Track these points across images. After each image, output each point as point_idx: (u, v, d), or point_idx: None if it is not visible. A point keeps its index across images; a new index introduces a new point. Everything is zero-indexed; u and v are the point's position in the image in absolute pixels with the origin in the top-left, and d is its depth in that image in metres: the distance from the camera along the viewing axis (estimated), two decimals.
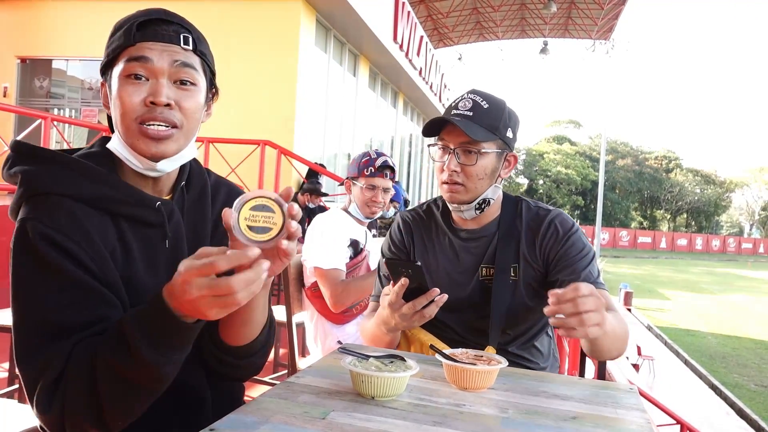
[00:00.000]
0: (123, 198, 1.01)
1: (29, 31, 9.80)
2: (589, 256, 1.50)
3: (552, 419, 1.01)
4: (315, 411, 0.96)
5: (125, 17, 1.03)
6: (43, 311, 0.92)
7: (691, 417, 6.18)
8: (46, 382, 0.89)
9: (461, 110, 1.45)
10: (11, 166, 1.02)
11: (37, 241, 0.92)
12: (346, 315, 2.41)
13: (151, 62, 0.98)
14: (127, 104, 0.98)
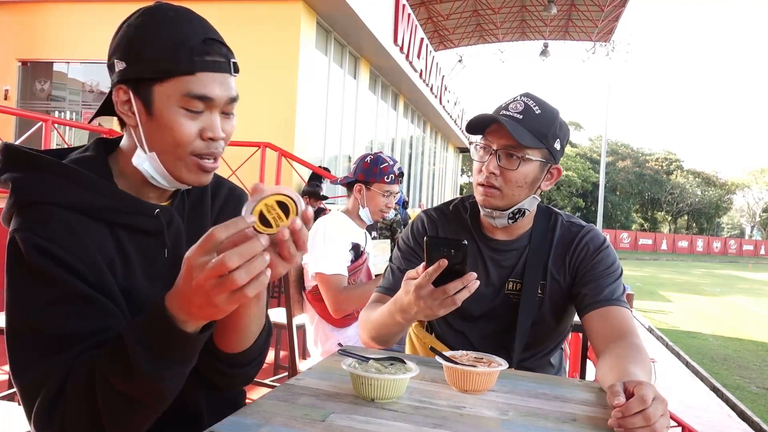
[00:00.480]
0: (119, 207, 0.97)
1: (30, 34, 9.82)
2: (615, 274, 1.44)
3: (552, 421, 1.01)
4: (315, 413, 0.96)
5: (168, 28, 0.95)
6: (39, 324, 0.88)
7: (692, 419, 6.17)
8: (44, 397, 0.85)
9: (511, 111, 1.38)
10: (1, 171, 0.97)
11: (30, 253, 0.88)
12: (347, 318, 2.41)
13: (212, 102, 0.96)
14: (183, 136, 0.95)
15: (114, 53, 0.97)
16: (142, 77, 0.94)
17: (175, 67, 0.93)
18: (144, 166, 0.98)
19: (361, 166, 2.50)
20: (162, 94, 0.94)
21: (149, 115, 0.95)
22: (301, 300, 2.47)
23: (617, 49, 25.80)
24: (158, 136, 0.96)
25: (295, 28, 8.78)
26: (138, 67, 0.94)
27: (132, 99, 0.96)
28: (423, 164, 19.60)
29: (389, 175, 2.47)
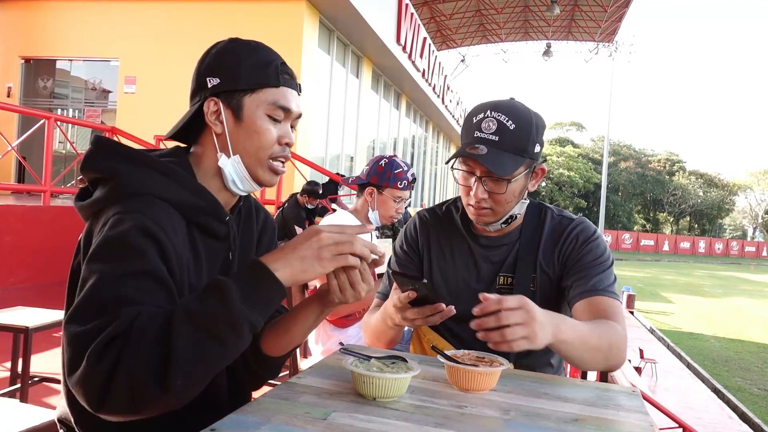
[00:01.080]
0: (203, 206, 1.08)
1: (33, 32, 9.84)
2: (605, 264, 1.43)
3: (554, 421, 1.01)
4: (316, 411, 0.96)
5: (256, 51, 1.12)
6: (114, 285, 0.91)
7: (694, 420, 6.16)
8: (102, 339, 0.84)
9: (485, 133, 1.33)
10: (97, 160, 1.06)
11: (133, 230, 0.95)
12: (349, 319, 2.41)
13: (290, 113, 1.13)
14: (267, 140, 1.11)
15: (205, 73, 1.12)
16: (236, 89, 1.10)
17: (265, 81, 1.10)
18: (228, 168, 1.12)
19: (375, 169, 2.46)
20: (252, 103, 1.10)
21: (238, 121, 1.10)
22: (302, 299, 2.47)
23: (620, 50, 25.73)
24: (245, 140, 1.11)
25: (297, 28, 8.78)
26: (232, 82, 1.10)
27: (222, 109, 1.10)
28: (425, 164, 19.60)
29: (403, 181, 2.44)
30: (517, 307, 1.06)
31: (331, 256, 0.95)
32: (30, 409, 1.63)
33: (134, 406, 0.83)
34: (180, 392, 0.85)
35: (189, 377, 0.85)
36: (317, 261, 0.95)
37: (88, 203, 1.05)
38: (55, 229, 5.81)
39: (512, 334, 1.05)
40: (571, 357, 1.25)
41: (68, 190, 8.18)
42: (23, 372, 2.55)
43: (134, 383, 0.82)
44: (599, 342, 1.25)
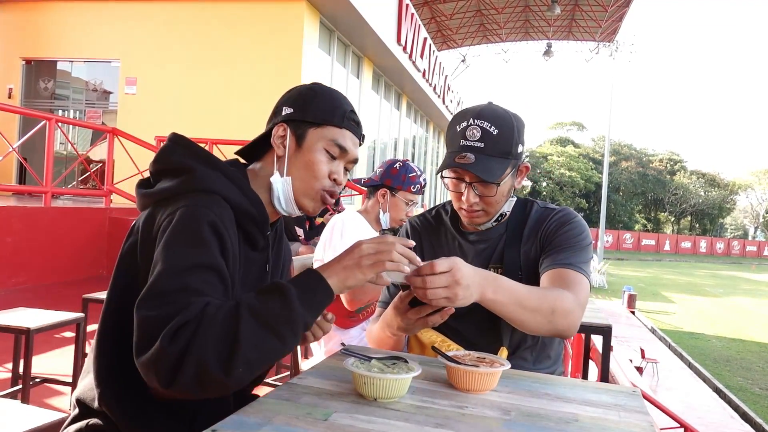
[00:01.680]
0: (254, 216, 1.17)
1: (34, 33, 9.85)
2: (579, 244, 1.47)
3: (554, 422, 1.01)
4: (317, 412, 0.96)
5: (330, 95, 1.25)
6: (187, 275, 0.99)
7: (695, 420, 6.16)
8: (175, 323, 0.91)
9: (470, 141, 1.40)
10: (172, 155, 1.16)
11: (202, 224, 1.05)
12: (352, 320, 2.41)
13: (347, 154, 1.24)
14: (320, 173, 1.22)
15: (284, 103, 1.25)
16: (304, 120, 1.22)
17: (331, 119, 1.22)
18: (277, 185, 1.23)
19: (390, 172, 2.50)
20: (314, 136, 1.22)
21: (298, 148, 1.22)
22: None
23: (621, 50, 25.73)
24: (300, 167, 1.22)
25: (298, 28, 8.79)
26: (303, 114, 1.22)
27: (288, 135, 1.22)
28: (425, 164, 19.60)
29: (416, 185, 2.50)
30: (444, 271, 1.14)
31: (370, 264, 1.06)
32: (31, 410, 1.63)
33: (199, 385, 0.91)
34: (239, 378, 0.92)
35: (249, 366, 0.93)
36: (358, 269, 1.06)
37: (156, 191, 1.13)
38: (56, 230, 5.82)
39: (433, 294, 1.14)
40: (507, 316, 1.29)
41: (69, 191, 8.19)
42: (24, 373, 2.55)
43: (203, 366, 0.89)
44: (538, 304, 1.28)
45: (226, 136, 7.96)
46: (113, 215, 6.63)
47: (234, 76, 8.87)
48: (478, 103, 1.48)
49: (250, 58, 8.81)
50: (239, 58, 8.86)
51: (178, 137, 1.20)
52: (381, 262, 1.06)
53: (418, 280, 1.14)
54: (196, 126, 8.56)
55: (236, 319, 0.93)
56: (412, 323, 1.29)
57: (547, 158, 50.68)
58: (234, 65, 8.88)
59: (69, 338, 3.81)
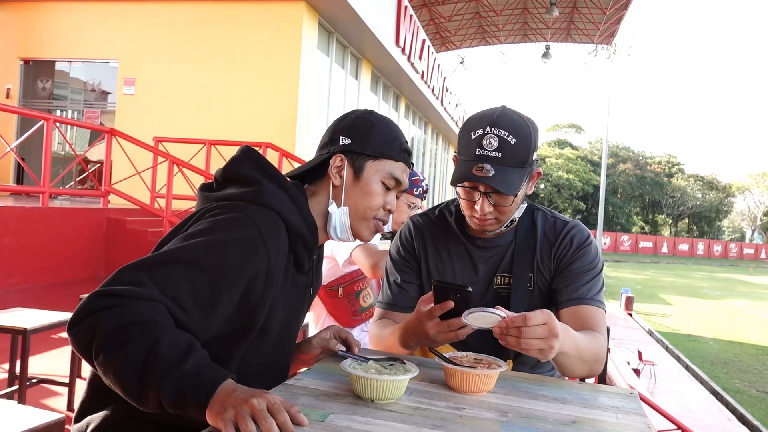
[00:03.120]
0: (307, 240, 1.20)
1: (32, 33, 9.84)
2: (594, 272, 1.48)
3: (552, 423, 1.01)
4: (314, 413, 0.96)
5: (386, 126, 1.29)
6: (183, 271, 1.00)
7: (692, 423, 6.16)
8: (115, 289, 0.95)
9: (487, 150, 1.34)
10: (242, 167, 1.20)
11: (240, 235, 1.07)
12: (356, 319, 2.42)
13: (399, 185, 1.29)
14: (375, 202, 1.26)
15: (341, 132, 1.27)
16: (363, 152, 1.25)
17: (388, 153, 1.27)
18: (335, 215, 1.26)
19: None
20: (372, 168, 1.26)
21: (356, 180, 1.25)
22: None
23: (619, 52, 25.80)
24: (357, 197, 1.26)
25: (297, 29, 8.78)
26: (361, 145, 1.25)
27: (346, 166, 1.25)
28: (424, 166, 19.60)
29: (418, 188, 2.56)
30: (541, 323, 1.13)
31: (233, 416, 0.85)
32: (28, 411, 1.63)
33: (86, 347, 0.93)
34: (99, 368, 0.93)
35: (106, 371, 0.92)
36: (224, 411, 0.86)
37: (220, 195, 1.19)
38: (53, 230, 5.81)
39: (528, 344, 1.13)
40: (563, 366, 1.31)
41: (67, 191, 8.18)
42: (21, 373, 2.54)
43: (94, 333, 0.92)
44: (590, 355, 1.33)
45: (225, 137, 7.95)
46: (111, 216, 6.62)
47: (232, 77, 8.86)
48: (474, 115, 1.42)
49: (248, 59, 8.81)
50: (238, 59, 8.85)
51: (250, 150, 1.24)
52: (243, 415, 0.84)
53: (512, 332, 1.13)
54: (194, 127, 8.55)
55: (143, 333, 0.91)
56: (441, 335, 1.26)
57: (545, 160, 50.70)
58: (232, 66, 8.87)
59: (66, 339, 3.79)
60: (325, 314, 2.44)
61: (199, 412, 0.88)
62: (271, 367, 1.24)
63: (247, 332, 1.13)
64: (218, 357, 0.99)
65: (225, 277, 1.04)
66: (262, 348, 1.18)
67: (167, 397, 0.88)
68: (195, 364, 0.91)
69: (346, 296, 2.40)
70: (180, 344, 0.92)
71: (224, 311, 1.06)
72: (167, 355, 0.90)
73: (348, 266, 2.40)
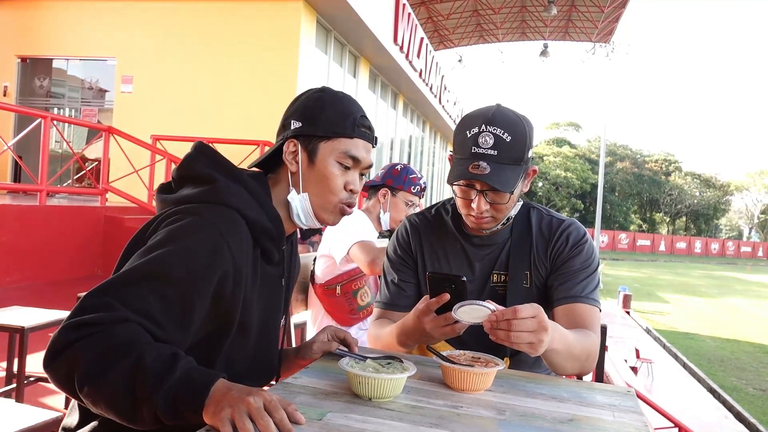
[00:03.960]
0: (272, 233, 1.17)
1: (30, 31, 9.80)
2: (589, 270, 1.48)
3: (549, 421, 1.01)
4: (312, 412, 0.96)
5: (338, 103, 1.23)
6: (150, 286, 0.98)
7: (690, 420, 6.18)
8: (85, 318, 0.92)
9: (483, 148, 1.34)
10: (197, 164, 1.16)
11: (203, 241, 1.04)
12: (354, 318, 2.43)
13: (359, 163, 1.23)
14: (336, 187, 1.22)
15: (291, 115, 1.24)
16: (314, 134, 1.21)
17: (341, 131, 1.21)
18: (295, 203, 1.22)
19: (391, 173, 2.59)
20: (325, 150, 1.21)
21: (311, 164, 1.21)
22: (300, 298, 2.47)
23: (617, 50, 25.81)
24: (315, 182, 1.21)
25: (295, 27, 8.77)
26: (311, 127, 1.21)
27: (299, 150, 1.21)
28: (422, 164, 19.60)
29: (416, 186, 2.58)
30: (531, 316, 1.13)
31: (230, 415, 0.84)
32: (25, 409, 1.63)
33: (67, 383, 0.91)
34: (86, 400, 0.90)
35: (95, 400, 0.90)
36: (221, 410, 0.85)
37: (176, 197, 1.14)
38: (51, 228, 5.80)
39: (518, 337, 1.12)
40: (554, 363, 1.31)
41: (64, 189, 8.17)
42: (19, 372, 2.54)
43: (74, 366, 0.89)
44: (581, 352, 1.33)
45: (223, 135, 7.93)
46: (108, 214, 6.61)
47: (230, 75, 8.84)
48: (468, 113, 1.42)
49: (246, 57, 8.79)
50: (236, 57, 8.83)
51: (203, 146, 1.20)
52: (240, 413, 0.84)
53: (502, 325, 1.13)
54: (192, 125, 8.53)
55: (121, 357, 0.89)
56: (437, 330, 1.25)
57: (543, 159, 50.72)
58: (231, 64, 8.86)
59: None
60: (323, 313, 2.44)
61: (196, 416, 0.87)
62: (257, 364, 1.24)
63: (225, 333, 1.12)
64: (202, 361, 0.97)
65: (194, 286, 1.02)
66: (245, 346, 1.17)
67: (162, 409, 0.87)
68: (183, 371, 0.90)
69: (344, 295, 2.40)
70: (164, 355, 0.91)
71: (199, 318, 1.04)
72: (153, 368, 0.88)
73: (345, 264, 2.40)
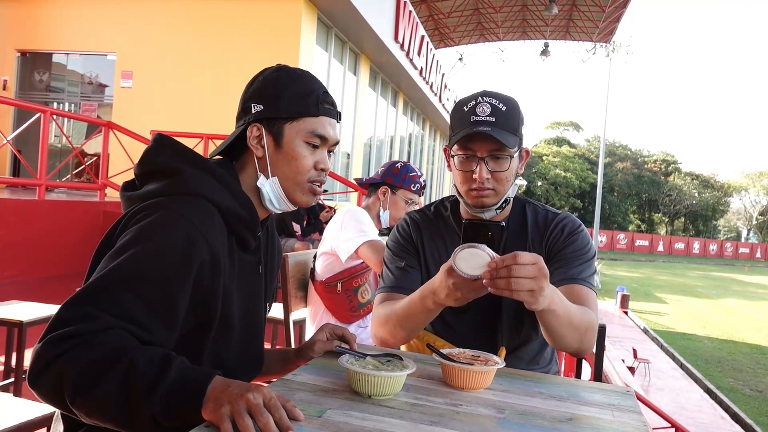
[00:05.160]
0: (245, 219, 1.14)
1: (29, 25, 9.78)
2: (586, 256, 1.50)
3: (548, 420, 1.01)
4: (311, 409, 0.96)
5: (298, 81, 1.20)
6: (127, 286, 0.96)
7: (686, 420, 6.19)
8: (67, 331, 0.90)
9: (481, 116, 1.39)
10: (158, 156, 1.13)
11: (177, 234, 1.01)
12: (354, 315, 2.42)
13: (327, 140, 1.21)
14: (304, 166, 1.19)
15: (250, 99, 1.20)
16: (278, 117, 1.18)
17: (305, 110, 1.18)
18: (266, 188, 1.20)
19: (391, 171, 2.60)
20: (291, 131, 1.18)
21: (278, 147, 1.19)
22: (299, 295, 2.46)
23: (617, 50, 25.76)
24: (283, 165, 1.19)
25: (295, 24, 8.76)
26: (274, 110, 1.18)
27: (264, 134, 1.18)
28: (422, 162, 19.59)
29: (416, 184, 2.58)
30: (531, 263, 1.11)
31: (229, 411, 0.84)
32: (23, 404, 1.63)
33: (55, 397, 0.89)
34: (79, 412, 0.89)
35: (89, 412, 0.89)
36: (221, 407, 0.85)
37: (141, 193, 1.10)
38: (50, 223, 5.79)
39: (518, 284, 1.10)
40: (554, 329, 1.29)
41: (63, 184, 8.15)
42: (17, 366, 2.54)
43: (62, 380, 0.87)
44: (580, 322, 1.32)
45: (222, 131, 7.91)
46: (107, 209, 6.60)
47: (231, 70, 8.83)
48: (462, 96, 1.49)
49: (247, 53, 8.78)
50: (236, 53, 8.82)
51: (163, 138, 1.16)
52: (240, 410, 0.84)
53: (502, 271, 1.10)
54: (191, 120, 8.52)
55: (112, 365, 0.88)
56: (467, 288, 1.20)
57: (543, 158, 50.74)
58: (231, 60, 8.85)
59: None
60: (323, 310, 2.44)
61: (196, 416, 0.87)
62: (244, 356, 1.23)
63: (208, 327, 1.10)
64: (189, 358, 0.95)
65: (173, 282, 1.00)
66: (230, 339, 1.16)
67: (160, 412, 0.86)
68: (177, 372, 0.89)
69: (345, 292, 2.40)
70: (155, 358, 0.90)
71: (182, 313, 1.03)
72: (147, 372, 0.87)
73: (351, 261, 2.40)
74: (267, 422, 0.83)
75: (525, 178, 51.91)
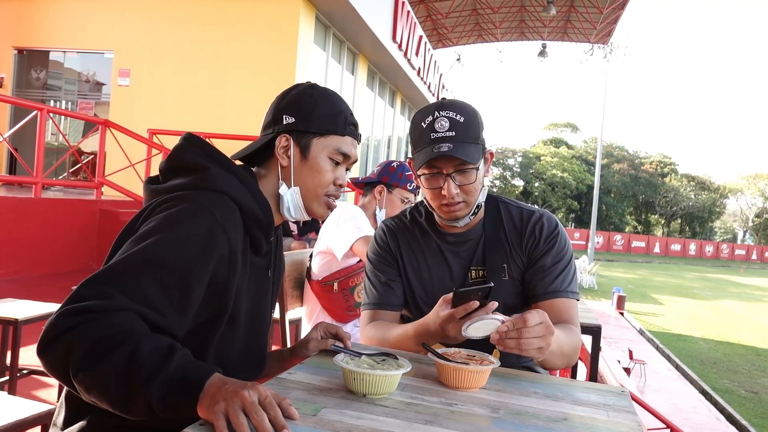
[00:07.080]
0: (262, 222, 1.18)
1: (27, 22, 9.75)
2: (564, 262, 1.51)
3: (543, 420, 1.01)
4: (306, 407, 0.96)
5: (329, 100, 1.26)
6: (147, 270, 0.98)
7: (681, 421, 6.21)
8: (84, 305, 0.91)
9: (441, 132, 1.40)
10: (186, 153, 1.17)
11: (202, 226, 1.05)
12: (350, 314, 2.42)
13: (348, 159, 1.29)
14: (326, 180, 1.26)
15: (283, 110, 1.26)
16: (308, 131, 1.24)
17: (333, 129, 1.25)
18: (287, 196, 1.26)
19: (387, 170, 2.61)
20: (318, 146, 1.25)
21: (303, 159, 1.25)
22: (295, 294, 2.46)
23: (615, 52, 25.81)
24: (306, 176, 1.25)
25: (294, 23, 8.75)
26: (305, 124, 1.24)
27: (291, 145, 1.24)
28: None
29: (412, 183, 2.59)
30: (539, 323, 1.16)
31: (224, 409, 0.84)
32: (18, 402, 1.62)
33: (61, 367, 0.90)
34: (80, 386, 0.90)
35: (89, 388, 0.89)
36: (216, 404, 0.85)
37: (166, 186, 1.14)
38: (46, 221, 5.78)
39: (528, 344, 1.15)
40: (546, 361, 1.36)
41: (60, 182, 8.13)
42: (12, 364, 2.53)
43: (70, 352, 0.89)
44: (569, 349, 1.39)
45: (220, 130, 7.91)
46: (104, 207, 6.59)
47: (229, 69, 8.83)
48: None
49: (245, 52, 8.77)
50: (234, 52, 8.81)
51: (193, 136, 1.21)
52: (234, 407, 0.84)
53: (512, 334, 1.15)
54: (189, 119, 8.51)
55: (121, 343, 0.88)
56: (455, 332, 1.27)
57: (540, 159, 50.79)
58: (229, 59, 8.84)
59: None
60: (319, 309, 2.44)
61: (190, 410, 0.87)
62: (247, 356, 1.24)
63: (217, 321, 1.12)
64: (194, 353, 0.96)
65: (191, 271, 1.02)
66: (234, 338, 1.17)
67: (156, 401, 0.87)
68: (179, 363, 0.89)
69: (341, 291, 2.40)
70: (160, 347, 0.90)
71: (197, 303, 1.05)
72: (150, 359, 0.88)
73: (347, 259, 2.40)
74: (261, 420, 0.83)
75: (522, 178, 52.05)
